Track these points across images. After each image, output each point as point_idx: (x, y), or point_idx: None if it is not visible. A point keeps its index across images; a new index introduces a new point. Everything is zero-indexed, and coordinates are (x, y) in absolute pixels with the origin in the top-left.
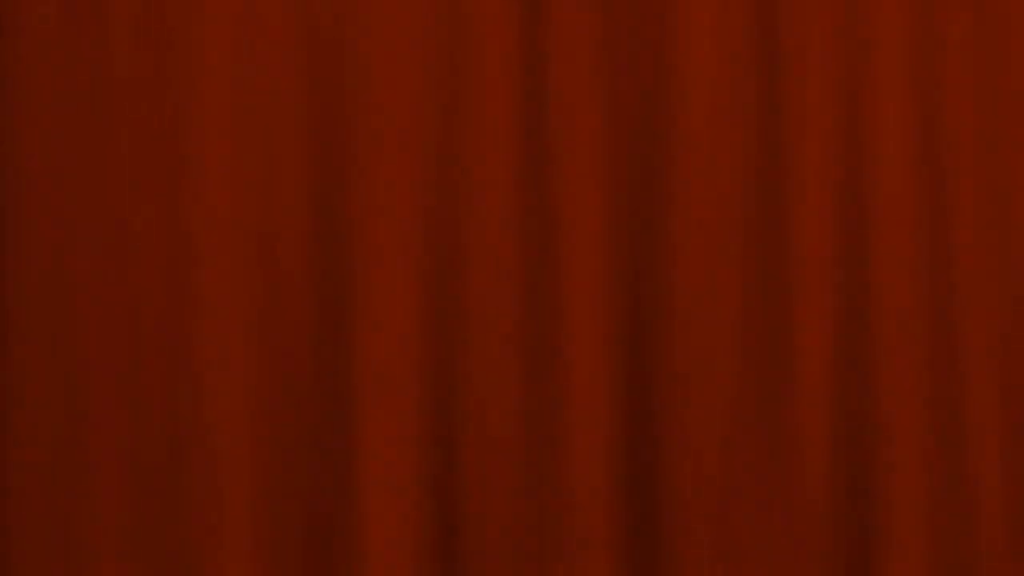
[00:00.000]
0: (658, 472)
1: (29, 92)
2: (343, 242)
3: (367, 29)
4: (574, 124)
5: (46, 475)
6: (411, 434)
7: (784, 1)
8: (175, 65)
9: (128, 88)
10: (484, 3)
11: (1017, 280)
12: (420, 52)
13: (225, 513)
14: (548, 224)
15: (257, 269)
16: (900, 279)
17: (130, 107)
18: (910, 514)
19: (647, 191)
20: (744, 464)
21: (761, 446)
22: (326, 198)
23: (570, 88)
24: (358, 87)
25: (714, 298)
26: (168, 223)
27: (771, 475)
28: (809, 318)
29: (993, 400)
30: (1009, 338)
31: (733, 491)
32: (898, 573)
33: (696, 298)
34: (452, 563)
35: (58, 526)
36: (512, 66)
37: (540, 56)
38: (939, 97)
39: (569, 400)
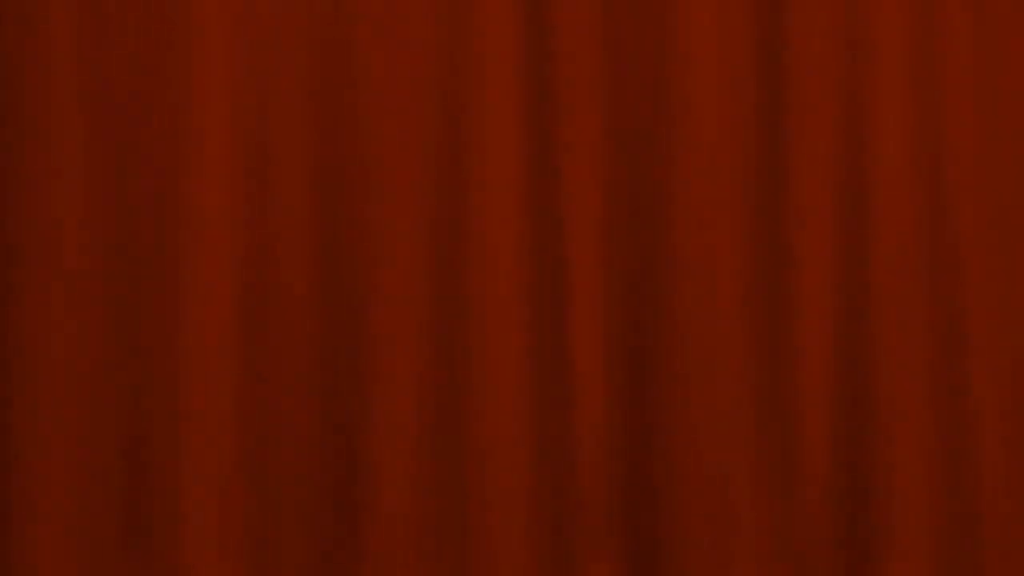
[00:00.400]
0: (658, 472)
1: (29, 92)
2: (345, 243)
3: (369, 30)
4: (576, 125)
5: (46, 475)
6: (411, 434)
7: (785, 1)
8: (175, 65)
9: (128, 88)
10: (486, 4)
11: (1018, 279)
12: (422, 53)
13: (225, 513)
14: (549, 224)
15: (258, 269)
16: (900, 279)
17: (130, 107)
18: (910, 514)
19: (647, 191)
20: (744, 464)
21: (761, 446)
22: (328, 199)
23: (572, 89)
24: (360, 88)
25: (714, 298)
26: (168, 223)
27: (771, 475)
28: (809, 318)
29: (994, 399)
30: (1010, 337)
31: (733, 491)
32: (898, 573)
33: (696, 298)
34: (452, 563)
35: (58, 526)
36: (514, 66)
37: (542, 57)
38: (939, 97)
39: (570, 400)
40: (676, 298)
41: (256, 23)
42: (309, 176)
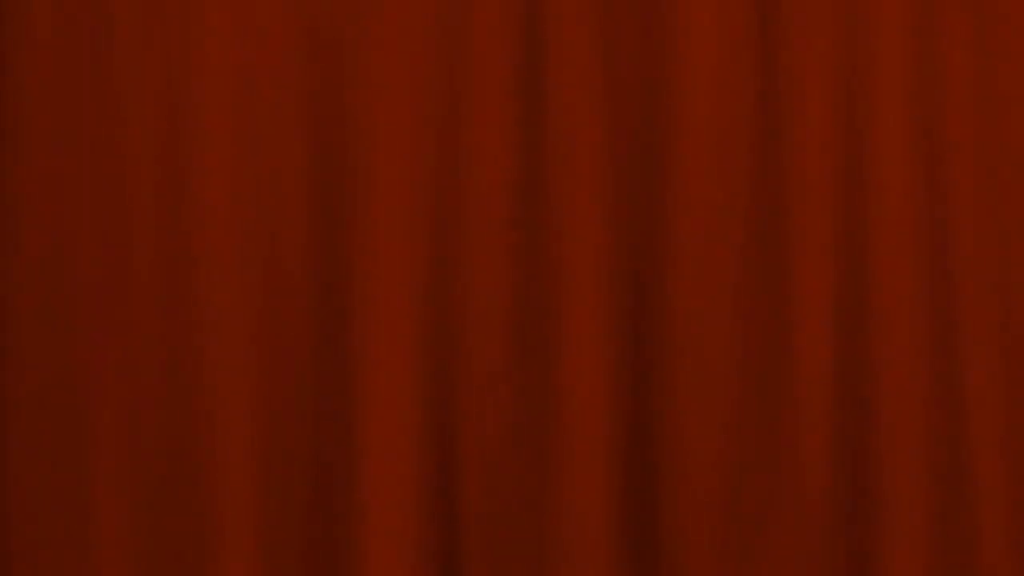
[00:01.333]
0: (658, 474)
1: (29, 92)
2: (343, 243)
3: (367, 31)
4: (574, 125)
5: (46, 475)
6: (411, 435)
7: (784, 1)
8: (175, 65)
9: (128, 88)
10: (484, 4)
11: (1017, 278)
12: (420, 52)
13: (225, 513)
14: (548, 224)
15: (257, 269)
16: (900, 278)
17: (130, 107)
18: (910, 514)
19: (647, 191)
20: (744, 466)
21: (761, 448)
22: (326, 199)
23: (570, 88)
24: (358, 89)
25: (714, 298)
26: (168, 223)
27: (771, 477)
28: (809, 318)
29: (994, 399)
30: (1009, 337)
31: (733, 493)
32: (898, 573)
33: (696, 298)
34: (452, 564)
35: (58, 526)
36: (512, 66)
37: (540, 56)
38: (939, 97)
39: (569, 402)
40: (676, 298)
41: (256, 24)
42: (308, 175)
